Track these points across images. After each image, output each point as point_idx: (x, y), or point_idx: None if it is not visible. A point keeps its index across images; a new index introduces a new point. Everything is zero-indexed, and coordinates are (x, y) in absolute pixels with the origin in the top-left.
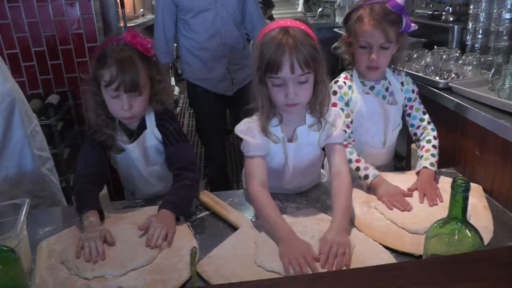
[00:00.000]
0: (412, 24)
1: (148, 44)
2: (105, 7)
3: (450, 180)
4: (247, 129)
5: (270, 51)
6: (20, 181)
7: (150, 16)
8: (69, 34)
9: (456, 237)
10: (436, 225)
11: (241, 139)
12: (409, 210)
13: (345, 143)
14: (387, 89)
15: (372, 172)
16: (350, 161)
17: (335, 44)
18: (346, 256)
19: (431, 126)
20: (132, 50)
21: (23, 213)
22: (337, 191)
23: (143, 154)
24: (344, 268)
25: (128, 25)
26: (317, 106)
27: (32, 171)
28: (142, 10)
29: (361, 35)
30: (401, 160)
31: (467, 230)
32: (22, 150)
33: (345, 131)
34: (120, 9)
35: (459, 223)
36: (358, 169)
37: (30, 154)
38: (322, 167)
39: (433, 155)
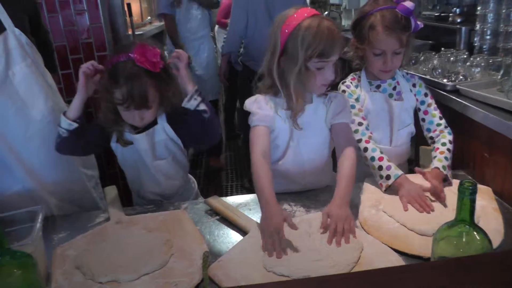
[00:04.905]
0: (419, 23)
1: (156, 57)
2: (113, 16)
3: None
4: (255, 101)
5: (324, 38)
6: (67, 195)
7: (157, 24)
8: (79, 44)
9: (464, 240)
10: (443, 227)
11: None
12: (428, 212)
13: (364, 137)
14: (394, 88)
15: (394, 172)
16: (372, 159)
17: (345, 49)
18: (352, 229)
19: (448, 130)
20: (141, 68)
21: (39, 220)
22: (340, 168)
23: (151, 147)
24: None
25: (136, 33)
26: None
27: (77, 186)
28: (149, 17)
29: (375, 43)
30: (410, 163)
31: (475, 233)
32: (69, 167)
33: (362, 123)
34: (128, 18)
35: (467, 226)
36: (380, 168)
37: (76, 171)
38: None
39: (446, 158)
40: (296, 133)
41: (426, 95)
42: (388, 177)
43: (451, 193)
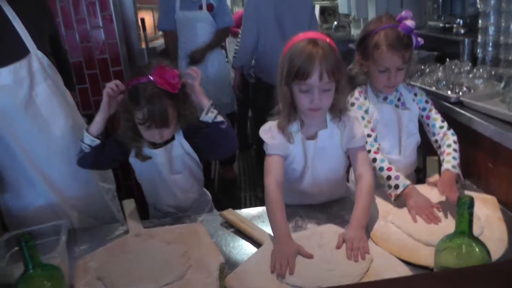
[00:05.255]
0: (419, 39)
1: (175, 79)
2: (127, 31)
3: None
4: (269, 128)
5: (301, 60)
6: (87, 208)
7: None
8: (94, 60)
9: (463, 251)
10: (444, 239)
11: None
12: (435, 223)
13: (373, 148)
14: (399, 99)
15: (402, 182)
16: (381, 169)
17: (350, 66)
18: (365, 248)
19: (451, 131)
20: (160, 90)
21: (64, 233)
22: (359, 192)
23: (168, 161)
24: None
25: (150, 46)
26: (338, 112)
27: (96, 200)
28: None
29: (380, 60)
30: (418, 172)
31: (473, 244)
32: (88, 181)
33: (370, 135)
34: (141, 32)
35: (466, 237)
36: (389, 178)
37: (94, 185)
38: (348, 181)
39: (454, 158)
40: (312, 157)
41: (426, 102)
42: (396, 186)
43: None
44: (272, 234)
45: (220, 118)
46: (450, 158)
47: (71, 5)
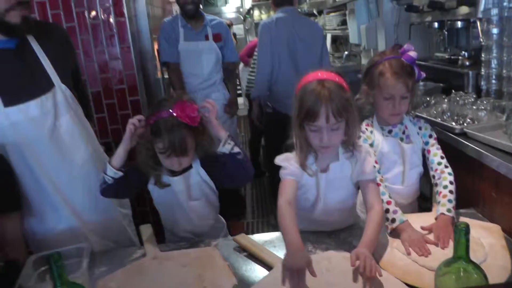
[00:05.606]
0: (422, 73)
1: (194, 112)
2: (144, 61)
3: (468, 220)
4: (285, 158)
5: (309, 102)
6: (105, 232)
7: None
8: (113, 90)
9: (461, 275)
10: (443, 264)
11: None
12: (426, 256)
13: (376, 180)
14: (403, 132)
15: (399, 217)
16: (381, 201)
17: (357, 96)
18: (376, 267)
19: (449, 170)
20: (181, 122)
21: (87, 255)
22: (369, 222)
23: (186, 188)
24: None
25: (165, 76)
26: (349, 146)
27: (114, 224)
28: None
29: (385, 88)
30: (426, 201)
31: (471, 268)
32: (107, 207)
33: (374, 167)
34: (158, 62)
35: (464, 262)
36: (387, 211)
37: (113, 210)
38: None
39: (450, 200)
40: (324, 188)
41: (430, 136)
42: (393, 220)
43: None
44: (282, 258)
45: (236, 149)
46: (445, 201)
47: (91, 37)
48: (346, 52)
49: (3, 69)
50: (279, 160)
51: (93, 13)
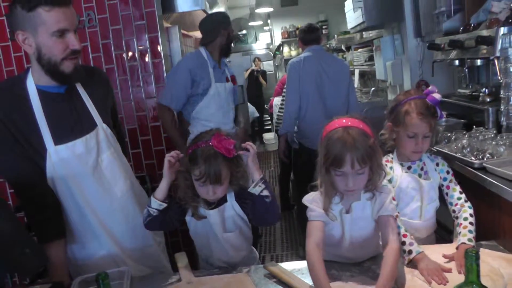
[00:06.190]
0: (443, 113)
1: (230, 145)
2: None
3: (489, 251)
4: (313, 199)
5: (335, 150)
6: (142, 258)
7: None
8: (148, 127)
9: None
10: None
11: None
12: (444, 284)
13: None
14: (422, 169)
15: (416, 248)
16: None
17: (381, 132)
18: None
19: (468, 204)
20: (217, 152)
21: (128, 278)
22: (385, 258)
23: (221, 221)
24: None
25: None
26: (372, 188)
27: (150, 251)
28: None
29: (409, 126)
30: (449, 233)
31: None
32: (144, 235)
33: (391, 203)
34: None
35: (475, 286)
36: (403, 243)
37: (149, 238)
38: None
39: (470, 231)
40: (349, 227)
41: (448, 172)
42: (410, 252)
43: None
44: (311, 284)
45: (266, 193)
46: (466, 231)
47: (129, 78)
48: (373, 88)
49: (55, 111)
50: (307, 201)
51: (131, 54)
